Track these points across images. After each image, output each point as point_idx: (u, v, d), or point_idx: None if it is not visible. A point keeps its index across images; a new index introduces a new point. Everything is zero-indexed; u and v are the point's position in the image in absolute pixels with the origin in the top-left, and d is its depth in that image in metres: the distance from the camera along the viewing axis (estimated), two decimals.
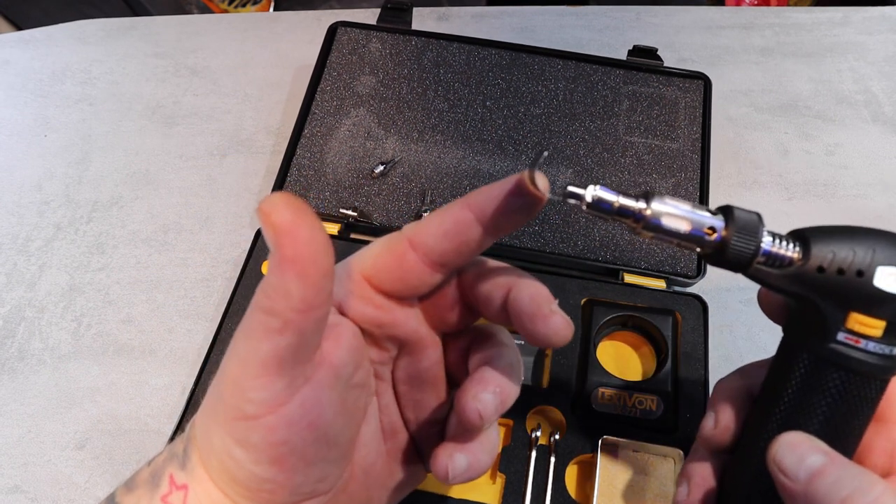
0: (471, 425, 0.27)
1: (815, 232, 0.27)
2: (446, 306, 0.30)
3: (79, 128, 0.63)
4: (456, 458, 0.28)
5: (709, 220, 0.26)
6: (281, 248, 0.23)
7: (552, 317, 0.26)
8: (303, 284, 0.23)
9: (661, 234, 0.26)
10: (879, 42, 0.69)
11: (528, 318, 0.26)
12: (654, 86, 0.60)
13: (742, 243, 0.26)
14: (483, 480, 0.44)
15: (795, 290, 0.27)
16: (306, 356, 0.25)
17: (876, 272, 0.26)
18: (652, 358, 0.49)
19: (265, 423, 0.25)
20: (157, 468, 0.28)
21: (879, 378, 0.27)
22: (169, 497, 0.27)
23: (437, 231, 0.27)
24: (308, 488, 0.27)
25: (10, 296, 0.54)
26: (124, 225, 0.57)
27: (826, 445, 0.27)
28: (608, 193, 0.25)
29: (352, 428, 0.29)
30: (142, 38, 0.69)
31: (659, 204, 0.26)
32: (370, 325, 0.28)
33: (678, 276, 0.52)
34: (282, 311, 0.23)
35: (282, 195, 0.23)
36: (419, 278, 0.28)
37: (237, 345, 0.25)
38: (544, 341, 0.26)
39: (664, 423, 0.45)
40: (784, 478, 0.26)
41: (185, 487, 0.27)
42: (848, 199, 0.59)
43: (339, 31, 0.62)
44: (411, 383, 0.31)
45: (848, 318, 0.26)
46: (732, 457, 0.31)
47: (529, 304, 0.27)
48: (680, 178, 0.56)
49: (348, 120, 0.59)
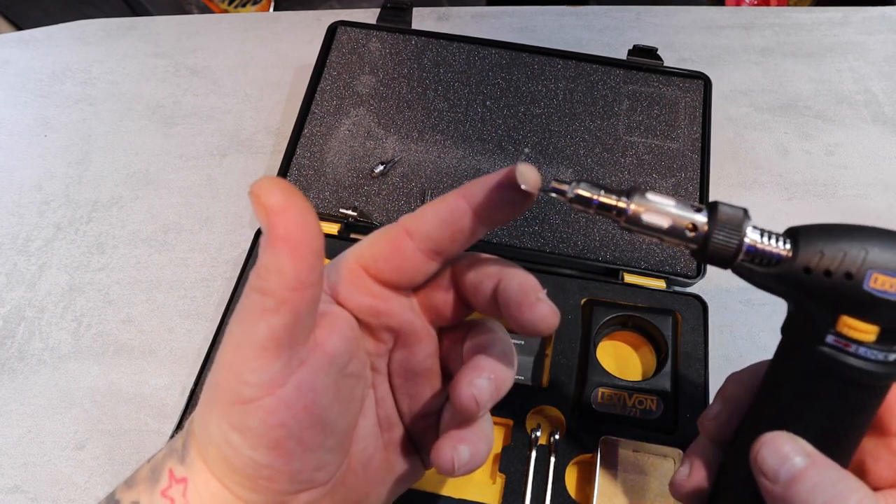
0: (467, 412, 0.27)
1: (807, 230, 0.26)
2: (440, 299, 0.30)
3: (79, 128, 0.63)
4: (460, 449, 0.28)
5: (690, 215, 0.25)
6: (274, 228, 0.24)
7: (538, 304, 0.27)
8: (296, 262, 0.24)
9: (643, 229, 0.26)
10: (879, 42, 0.69)
11: (516, 306, 0.27)
12: (654, 85, 0.60)
13: (723, 238, 0.25)
14: (483, 480, 0.44)
15: (782, 289, 0.26)
16: (301, 337, 0.26)
17: (867, 275, 0.24)
18: (652, 358, 0.49)
19: (262, 405, 0.25)
20: (157, 464, 0.28)
21: (873, 385, 0.26)
22: (168, 490, 0.27)
23: (433, 219, 0.28)
24: (306, 476, 0.27)
25: (10, 296, 0.54)
26: (124, 225, 0.57)
27: (810, 447, 0.26)
28: (589, 189, 0.26)
29: (348, 417, 0.29)
30: (142, 38, 0.69)
31: (640, 200, 0.26)
32: (366, 313, 0.29)
33: (678, 276, 0.52)
34: (276, 290, 0.24)
35: (272, 178, 0.24)
36: (415, 266, 0.28)
37: (232, 330, 0.25)
38: (531, 328, 0.27)
39: (664, 423, 0.45)
40: (764, 479, 0.26)
41: (185, 480, 0.27)
42: (848, 199, 0.59)
43: (339, 30, 0.62)
44: (406, 376, 0.31)
45: (838, 321, 0.25)
46: (729, 452, 0.31)
47: (517, 293, 0.27)
48: (680, 178, 0.56)
49: (348, 119, 0.58)
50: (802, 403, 0.27)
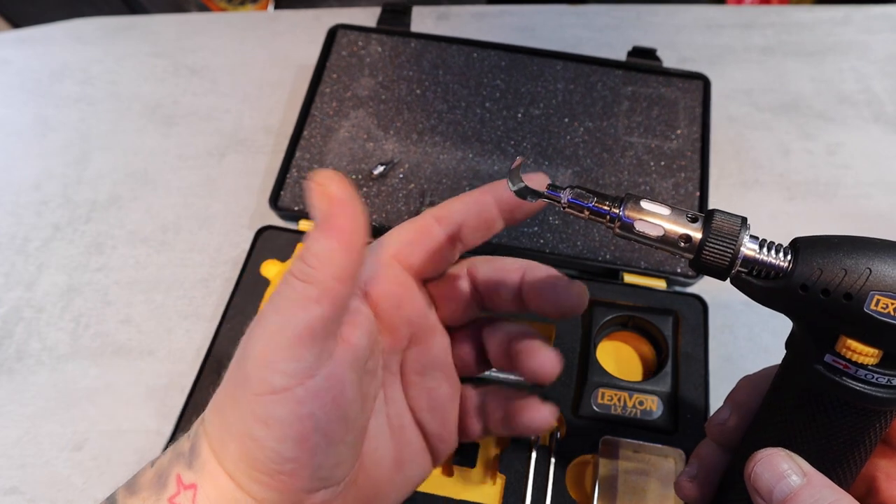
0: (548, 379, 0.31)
1: (808, 242, 0.24)
2: (456, 296, 0.32)
3: (77, 127, 0.63)
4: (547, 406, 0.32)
5: (684, 224, 0.25)
6: (334, 218, 0.25)
7: (572, 285, 0.30)
8: (346, 254, 0.25)
9: (636, 237, 0.25)
10: (881, 41, 0.69)
11: (551, 290, 0.30)
12: (653, 86, 0.60)
13: (717, 249, 0.24)
14: (483, 481, 0.44)
15: (780, 305, 0.25)
16: (334, 330, 0.27)
17: (869, 297, 0.23)
18: (652, 358, 0.49)
19: (293, 395, 0.25)
20: (163, 469, 0.28)
21: (875, 409, 0.25)
22: (176, 498, 0.27)
23: (460, 208, 0.31)
24: (325, 473, 0.27)
25: (8, 296, 0.54)
26: (123, 225, 0.57)
27: (807, 465, 0.25)
28: (583, 196, 0.26)
29: (365, 414, 0.30)
30: (140, 37, 0.69)
31: (633, 207, 0.25)
32: (391, 303, 0.30)
33: (679, 276, 0.52)
34: (322, 279, 0.25)
35: (333, 172, 0.26)
36: (442, 252, 0.31)
37: (268, 319, 0.26)
38: (568, 309, 0.30)
39: (664, 424, 0.45)
40: (759, 498, 0.25)
41: (194, 486, 0.27)
42: (850, 199, 0.59)
43: (339, 33, 0.62)
44: (423, 372, 0.32)
45: (838, 341, 0.24)
46: (735, 458, 0.31)
47: (548, 278, 0.30)
48: (679, 178, 0.56)
49: (347, 122, 0.58)
50: (802, 421, 0.26)
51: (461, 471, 0.44)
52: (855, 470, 0.27)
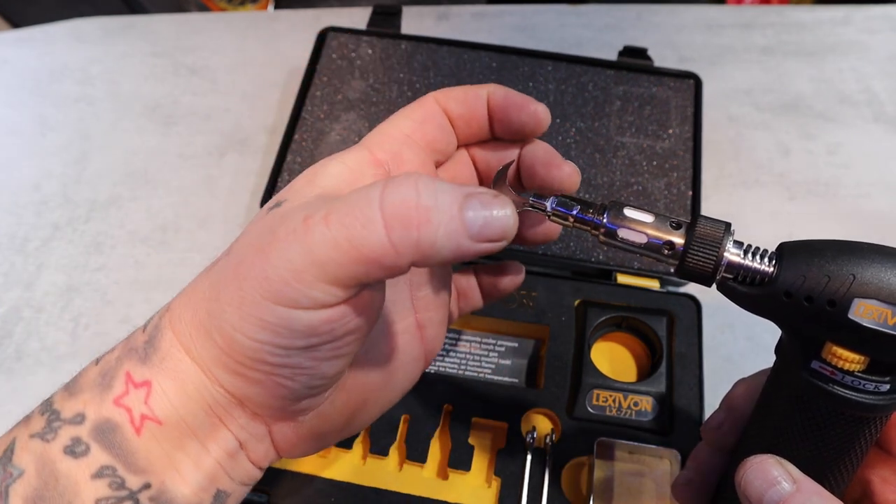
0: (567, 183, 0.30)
1: (792, 248, 0.24)
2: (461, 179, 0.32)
3: (77, 127, 0.63)
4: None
5: (666, 231, 0.25)
6: (486, 228, 0.23)
7: (565, 164, 0.30)
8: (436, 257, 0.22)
9: (620, 245, 0.26)
10: (881, 41, 0.68)
11: (544, 166, 0.30)
12: (644, 86, 0.59)
13: (700, 255, 0.24)
14: (478, 484, 0.44)
15: (765, 312, 0.25)
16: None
17: (852, 303, 0.22)
18: (646, 359, 0.49)
19: (319, 314, 0.23)
20: (109, 366, 0.25)
21: (864, 416, 0.25)
22: (124, 399, 0.24)
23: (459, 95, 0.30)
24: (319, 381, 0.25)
25: (7, 296, 0.54)
26: (122, 224, 0.57)
27: (798, 471, 0.25)
28: (567, 204, 0.26)
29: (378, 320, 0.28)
30: (140, 36, 0.69)
31: (616, 215, 0.26)
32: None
33: (672, 277, 0.51)
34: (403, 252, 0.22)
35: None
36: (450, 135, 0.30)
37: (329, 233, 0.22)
38: (559, 185, 0.30)
39: (659, 425, 0.45)
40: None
41: (147, 384, 0.24)
42: (850, 199, 0.59)
43: (329, 36, 0.62)
44: (432, 270, 0.32)
45: (824, 347, 0.24)
46: (731, 462, 0.31)
47: (545, 155, 0.30)
48: (672, 178, 0.55)
49: (339, 124, 0.58)
50: (792, 427, 0.26)
51: (456, 474, 0.44)
52: (847, 475, 0.27)
